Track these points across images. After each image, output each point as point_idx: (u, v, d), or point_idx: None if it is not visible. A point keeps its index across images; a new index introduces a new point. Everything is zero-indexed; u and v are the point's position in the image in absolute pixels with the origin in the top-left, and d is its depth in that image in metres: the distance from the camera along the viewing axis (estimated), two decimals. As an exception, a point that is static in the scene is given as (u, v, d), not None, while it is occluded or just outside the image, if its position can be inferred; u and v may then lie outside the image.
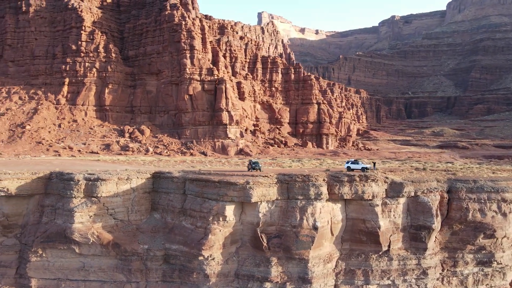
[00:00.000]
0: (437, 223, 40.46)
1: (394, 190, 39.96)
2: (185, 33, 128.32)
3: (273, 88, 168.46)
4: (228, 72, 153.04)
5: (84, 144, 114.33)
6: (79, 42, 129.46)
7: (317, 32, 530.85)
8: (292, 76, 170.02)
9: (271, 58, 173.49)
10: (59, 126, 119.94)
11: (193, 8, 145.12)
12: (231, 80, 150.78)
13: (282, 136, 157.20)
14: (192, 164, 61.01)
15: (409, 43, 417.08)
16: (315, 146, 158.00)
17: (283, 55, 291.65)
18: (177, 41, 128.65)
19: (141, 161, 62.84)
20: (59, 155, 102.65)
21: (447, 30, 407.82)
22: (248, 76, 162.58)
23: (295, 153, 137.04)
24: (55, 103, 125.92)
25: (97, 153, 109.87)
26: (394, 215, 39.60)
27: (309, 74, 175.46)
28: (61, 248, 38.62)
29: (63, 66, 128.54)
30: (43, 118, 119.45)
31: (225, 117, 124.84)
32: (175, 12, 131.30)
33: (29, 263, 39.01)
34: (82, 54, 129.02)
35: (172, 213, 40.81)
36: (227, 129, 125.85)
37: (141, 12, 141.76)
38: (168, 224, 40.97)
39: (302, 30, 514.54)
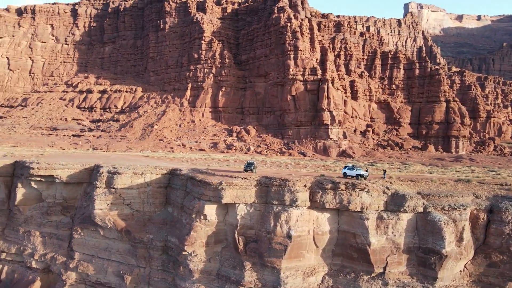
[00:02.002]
0: (454, 248, 32.43)
1: (395, 203, 33.80)
2: (290, 34, 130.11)
3: (393, 86, 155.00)
4: (340, 70, 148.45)
5: (196, 142, 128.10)
6: (200, 51, 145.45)
7: (479, 18, 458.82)
8: (417, 71, 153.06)
9: (392, 53, 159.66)
10: (180, 126, 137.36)
11: (303, 8, 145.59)
12: (343, 79, 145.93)
13: (399, 138, 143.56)
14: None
15: None
16: (440, 150, 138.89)
17: (423, 48, 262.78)
18: (282, 43, 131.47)
19: (187, 158, 67.69)
20: (173, 151, 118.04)
21: None
22: (363, 74, 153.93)
23: (407, 157, 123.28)
24: (179, 105, 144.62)
25: (204, 150, 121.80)
26: (393, 232, 33.50)
27: (437, 68, 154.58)
28: (92, 229, 45.87)
29: (187, 73, 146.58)
30: (168, 119, 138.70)
31: (326, 117, 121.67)
32: (281, 15, 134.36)
33: (73, 239, 47.66)
34: (202, 62, 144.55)
35: (177, 208, 43.65)
36: (329, 130, 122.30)
37: (254, 18, 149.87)
38: (174, 218, 44.03)
39: (459, 18, 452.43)
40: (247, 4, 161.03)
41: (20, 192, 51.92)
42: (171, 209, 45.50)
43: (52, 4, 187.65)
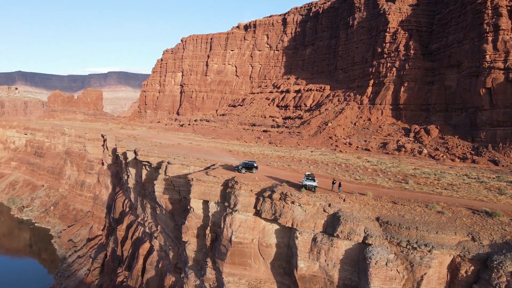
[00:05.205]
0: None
1: (332, 225, 25.91)
2: (489, 11, 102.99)
3: None
4: None
5: (365, 141, 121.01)
6: (384, 44, 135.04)
7: None
8: None
9: None
10: (354, 124, 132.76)
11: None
12: None
13: None
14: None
15: None
16: None
17: None
18: (480, 24, 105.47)
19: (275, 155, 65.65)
20: (335, 149, 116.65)
21: None
22: None
23: None
24: (359, 103, 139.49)
25: (370, 150, 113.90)
26: (326, 260, 25.73)
27: None
28: (160, 208, 54.93)
29: (370, 69, 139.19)
30: (344, 117, 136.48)
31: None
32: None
33: (156, 214, 58.30)
34: (385, 55, 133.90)
35: (205, 198, 46.57)
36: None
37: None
38: (204, 207, 47.18)
39: None
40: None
41: (143, 173, 67.21)
42: (208, 199, 48.82)
43: (268, 17, 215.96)
